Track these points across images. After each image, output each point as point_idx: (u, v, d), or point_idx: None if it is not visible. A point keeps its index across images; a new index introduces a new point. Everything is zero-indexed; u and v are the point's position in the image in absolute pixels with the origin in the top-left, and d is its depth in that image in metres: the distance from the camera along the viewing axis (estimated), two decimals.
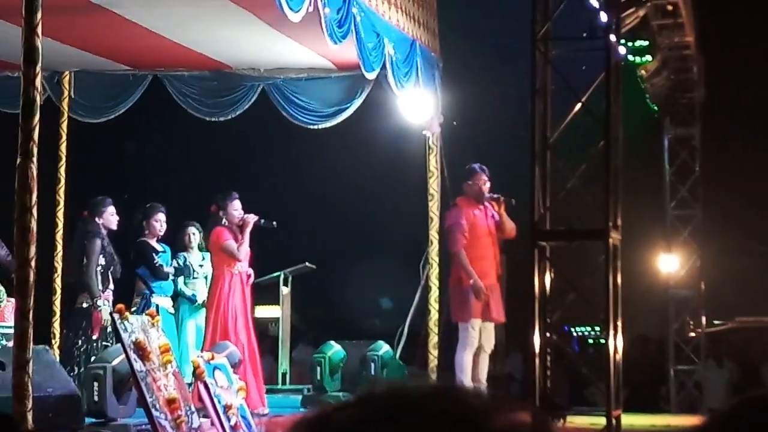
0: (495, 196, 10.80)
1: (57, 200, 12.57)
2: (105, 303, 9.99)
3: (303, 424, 1.23)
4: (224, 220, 10.55)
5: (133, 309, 10.27)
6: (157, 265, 10.76)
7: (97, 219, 10.26)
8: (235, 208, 10.61)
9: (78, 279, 10.22)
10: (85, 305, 10.09)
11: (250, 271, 10.67)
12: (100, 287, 10.04)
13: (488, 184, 10.90)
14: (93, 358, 9.59)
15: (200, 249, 11.36)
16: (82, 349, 9.97)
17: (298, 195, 16.70)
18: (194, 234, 11.33)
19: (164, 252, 10.99)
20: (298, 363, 13.99)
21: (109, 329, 9.83)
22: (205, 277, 11.25)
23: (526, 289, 9.09)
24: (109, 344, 9.73)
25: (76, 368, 9.76)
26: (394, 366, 11.82)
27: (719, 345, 17.16)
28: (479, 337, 10.67)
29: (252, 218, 10.55)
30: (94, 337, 9.98)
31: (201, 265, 11.30)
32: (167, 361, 8.04)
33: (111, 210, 10.38)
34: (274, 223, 10.84)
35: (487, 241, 10.74)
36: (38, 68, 6.17)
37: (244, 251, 10.48)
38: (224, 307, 10.34)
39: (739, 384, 16.04)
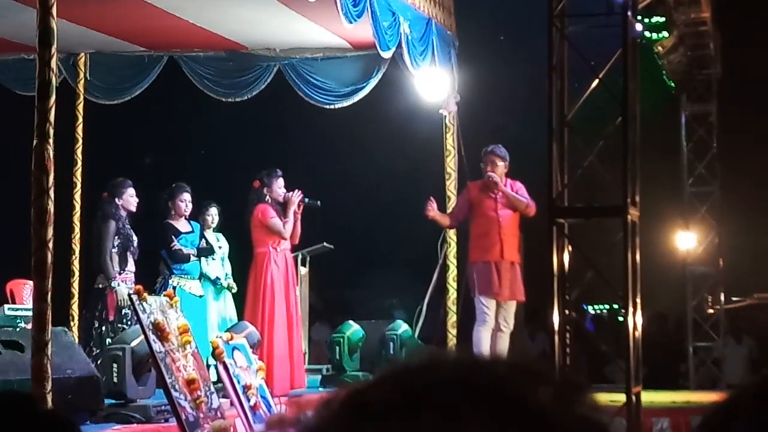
0: (486, 177, 10.83)
1: (74, 182, 12.60)
2: (121, 284, 10.01)
3: (335, 403, 1.17)
4: (267, 196, 10.61)
5: (155, 288, 10.30)
6: (173, 248, 10.74)
7: (117, 200, 10.31)
8: (280, 185, 10.69)
9: (95, 260, 10.31)
10: (101, 286, 10.15)
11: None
12: (117, 268, 10.08)
13: (500, 164, 10.87)
14: (109, 340, 9.63)
15: (214, 230, 11.36)
16: (99, 330, 10.02)
17: (313, 174, 16.68)
18: (216, 215, 11.33)
19: (192, 232, 10.95)
20: (316, 343, 14.00)
21: (125, 311, 9.87)
22: (222, 259, 11.24)
23: (544, 267, 9.08)
24: (126, 326, 9.76)
25: (94, 348, 9.79)
26: (413, 345, 11.82)
27: (738, 321, 17.11)
28: (495, 315, 10.68)
29: (296, 197, 10.62)
30: (110, 319, 10.01)
31: (220, 247, 11.30)
32: (186, 342, 8.05)
33: (131, 191, 10.40)
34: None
35: (492, 219, 10.74)
36: (53, 50, 6.16)
37: (289, 230, 10.56)
38: (264, 285, 10.38)
39: (758, 360, 16.00)
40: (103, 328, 10.01)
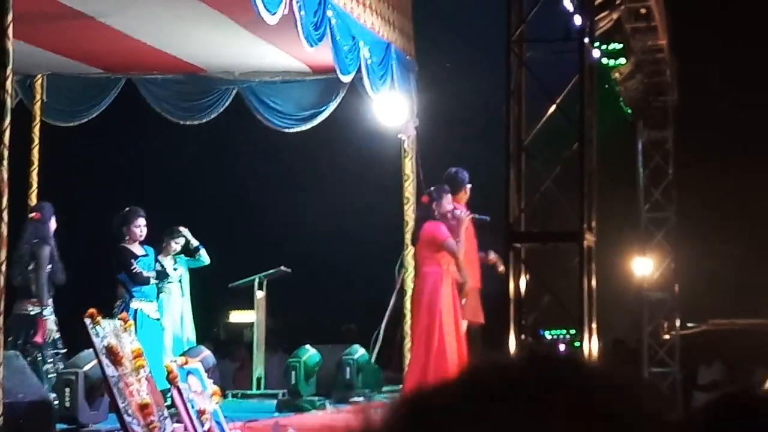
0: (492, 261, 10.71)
1: (28, 205, 12.48)
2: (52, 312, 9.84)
3: (401, 406, 1.12)
4: (436, 212, 10.40)
5: (114, 312, 10.17)
6: (135, 271, 10.64)
7: (49, 223, 10.14)
8: (449, 201, 10.48)
9: (25, 284, 9.90)
10: (32, 312, 9.86)
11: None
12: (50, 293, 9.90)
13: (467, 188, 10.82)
14: (48, 366, 9.47)
15: (175, 253, 11.35)
16: (29, 358, 9.64)
17: (272, 198, 16.66)
18: (182, 240, 11.33)
19: (146, 255, 10.86)
20: (273, 368, 13.93)
21: (53, 337, 9.73)
22: (180, 281, 11.23)
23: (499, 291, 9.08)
24: (59, 350, 9.66)
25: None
26: (369, 370, 11.78)
27: (693, 347, 17.21)
28: None
29: (467, 216, 10.46)
30: (39, 344, 9.74)
31: (175, 269, 11.26)
32: (140, 366, 7.98)
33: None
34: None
35: (476, 247, 10.72)
36: (9, 71, 6.12)
37: (462, 250, 10.38)
38: (438, 304, 10.17)
39: (713, 385, 16.08)
40: (37, 354, 9.70)
